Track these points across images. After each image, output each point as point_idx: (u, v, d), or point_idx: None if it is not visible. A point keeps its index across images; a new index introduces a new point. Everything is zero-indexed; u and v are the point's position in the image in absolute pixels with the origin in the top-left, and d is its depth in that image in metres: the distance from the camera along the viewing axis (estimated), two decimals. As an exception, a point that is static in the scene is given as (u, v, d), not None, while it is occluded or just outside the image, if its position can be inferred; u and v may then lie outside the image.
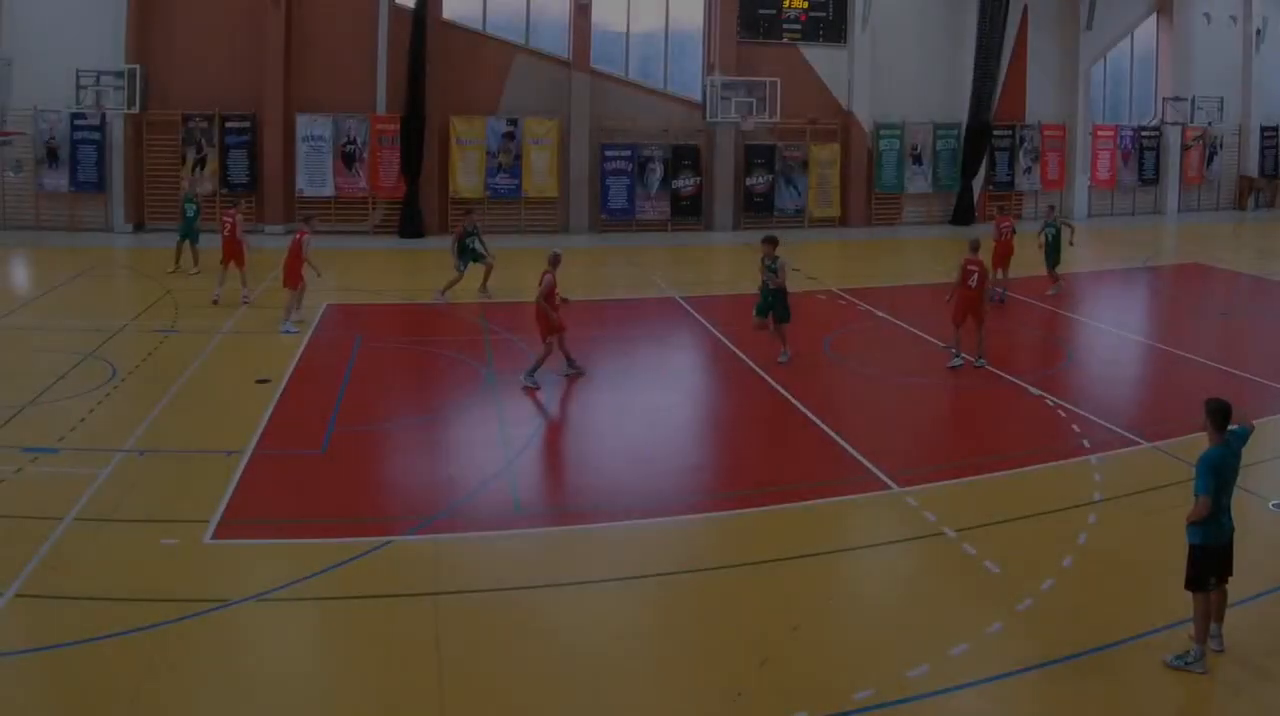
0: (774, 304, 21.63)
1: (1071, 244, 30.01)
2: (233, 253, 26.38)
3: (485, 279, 27.56)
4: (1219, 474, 10.14)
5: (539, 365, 19.87)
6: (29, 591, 11.53)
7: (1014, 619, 11.12)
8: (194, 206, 30.09)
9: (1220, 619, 10.49)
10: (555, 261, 20.13)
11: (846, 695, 9.72)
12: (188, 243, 30.04)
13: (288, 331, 23.15)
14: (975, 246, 21.86)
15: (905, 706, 9.62)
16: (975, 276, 21.15)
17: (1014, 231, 28.78)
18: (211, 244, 28.85)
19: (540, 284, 19.66)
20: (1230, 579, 10.41)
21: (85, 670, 10.03)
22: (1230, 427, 10.35)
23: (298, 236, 24.10)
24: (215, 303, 25.85)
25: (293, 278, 23.89)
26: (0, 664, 10.13)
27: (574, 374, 20.56)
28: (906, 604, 11.75)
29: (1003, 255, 28.07)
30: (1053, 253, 28.87)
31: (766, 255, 21.65)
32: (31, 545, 12.54)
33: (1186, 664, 10.16)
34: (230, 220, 26.55)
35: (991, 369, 20.78)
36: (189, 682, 9.87)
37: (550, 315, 19.73)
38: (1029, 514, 14.06)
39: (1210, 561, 10.25)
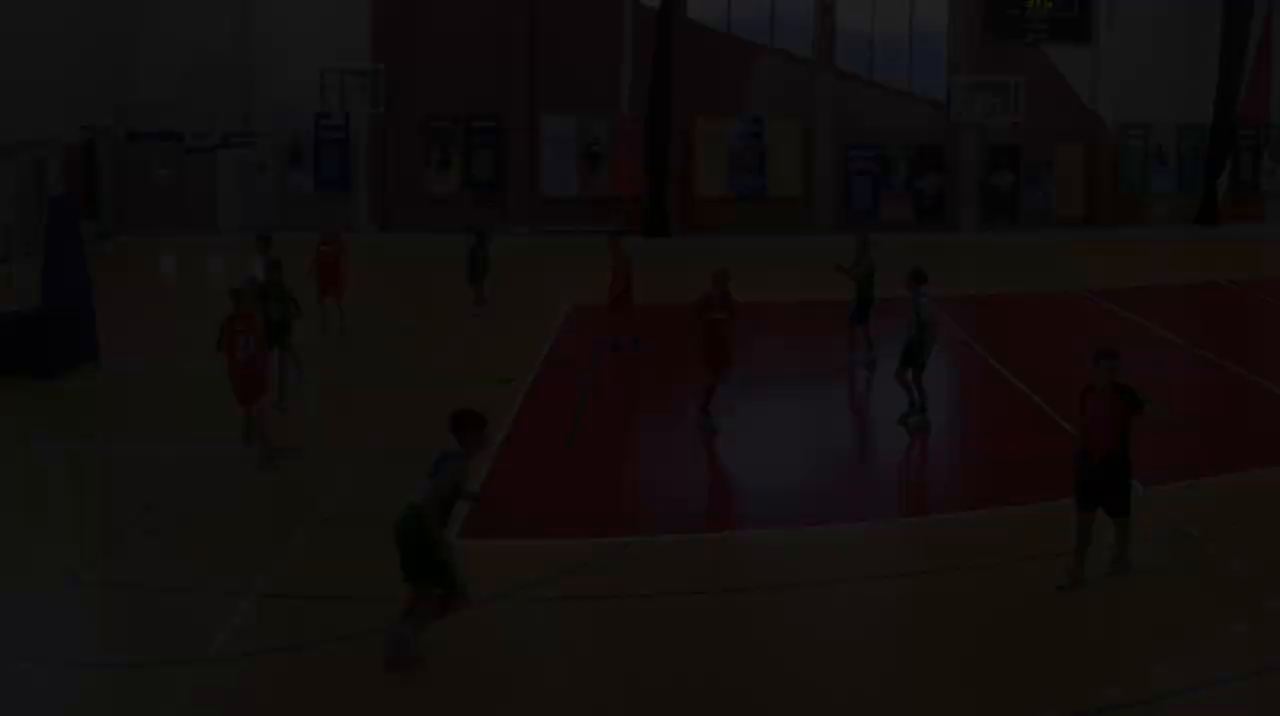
0: None
1: None
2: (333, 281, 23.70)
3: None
4: None
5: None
6: (274, 591, 11.67)
7: (1260, 617, 11.00)
8: None
9: None
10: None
11: (1096, 691, 9.74)
12: None
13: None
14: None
15: (1155, 707, 9.62)
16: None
17: None
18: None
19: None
20: None
21: (329, 671, 10.16)
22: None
23: None
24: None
25: None
26: (247, 663, 10.29)
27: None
28: (1152, 603, 11.65)
29: None
30: None
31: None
32: (275, 545, 12.77)
33: None
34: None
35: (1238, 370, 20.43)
36: (438, 683, 9.92)
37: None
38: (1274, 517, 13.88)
39: None
